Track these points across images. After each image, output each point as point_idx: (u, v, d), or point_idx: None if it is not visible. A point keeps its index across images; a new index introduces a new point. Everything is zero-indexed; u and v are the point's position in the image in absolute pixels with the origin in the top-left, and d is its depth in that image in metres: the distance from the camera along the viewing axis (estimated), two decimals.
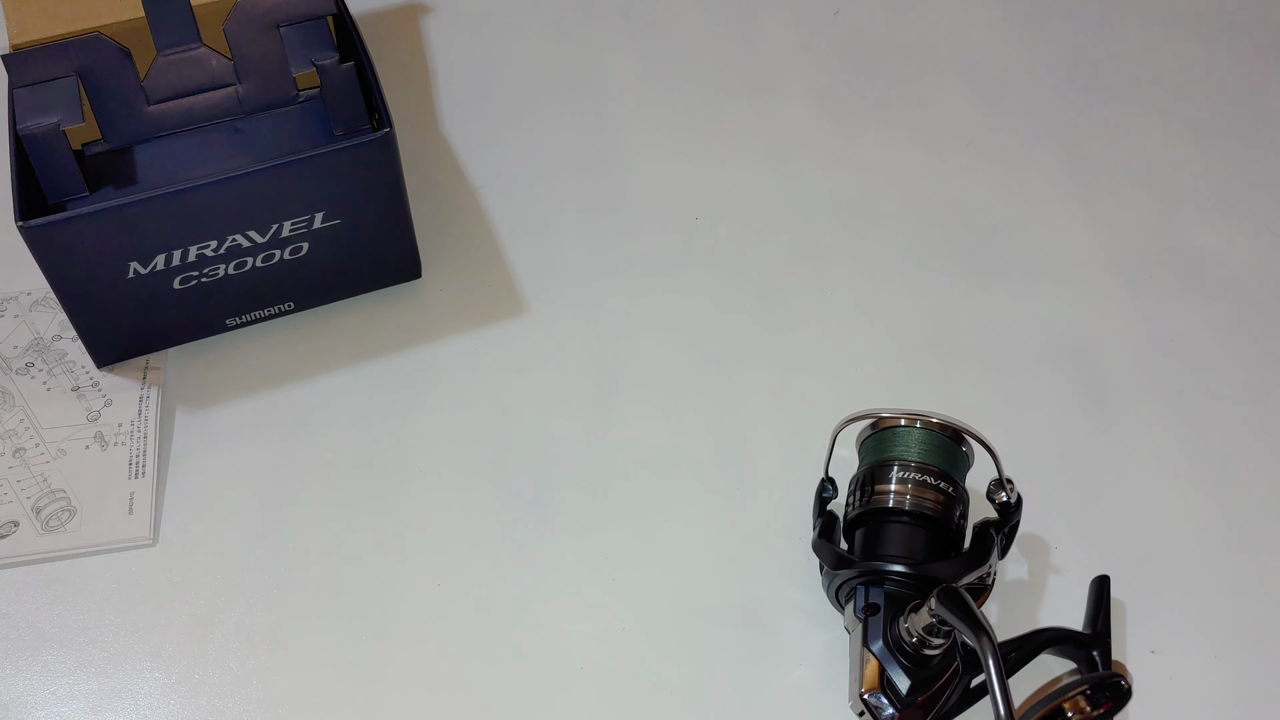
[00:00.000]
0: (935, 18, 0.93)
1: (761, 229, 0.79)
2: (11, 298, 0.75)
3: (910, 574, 0.57)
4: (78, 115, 0.68)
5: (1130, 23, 0.92)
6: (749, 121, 0.86)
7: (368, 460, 0.69)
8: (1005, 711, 0.49)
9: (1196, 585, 0.64)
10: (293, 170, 0.65)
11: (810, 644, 0.62)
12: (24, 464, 0.68)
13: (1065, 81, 0.88)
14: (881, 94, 0.87)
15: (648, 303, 0.76)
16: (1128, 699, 0.55)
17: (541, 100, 0.87)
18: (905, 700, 0.55)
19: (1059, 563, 0.65)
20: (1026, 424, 0.70)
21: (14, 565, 0.65)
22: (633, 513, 0.67)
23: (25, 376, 0.72)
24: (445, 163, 0.83)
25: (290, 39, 0.73)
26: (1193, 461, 0.69)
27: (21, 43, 0.73)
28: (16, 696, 0.61)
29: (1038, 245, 0.79)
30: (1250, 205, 0.81)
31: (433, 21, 0.92)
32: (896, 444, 0.61)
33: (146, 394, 0.71)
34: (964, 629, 0.51)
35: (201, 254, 0.67)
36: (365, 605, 0.64)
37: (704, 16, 0.92)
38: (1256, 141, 0.84)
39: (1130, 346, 0.73)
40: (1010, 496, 0.60)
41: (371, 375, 0.72)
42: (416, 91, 0.87)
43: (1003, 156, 0.84)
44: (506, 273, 0.77)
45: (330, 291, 0.74)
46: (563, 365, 0.73)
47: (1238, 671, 0.61)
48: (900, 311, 0.75)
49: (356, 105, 0.73)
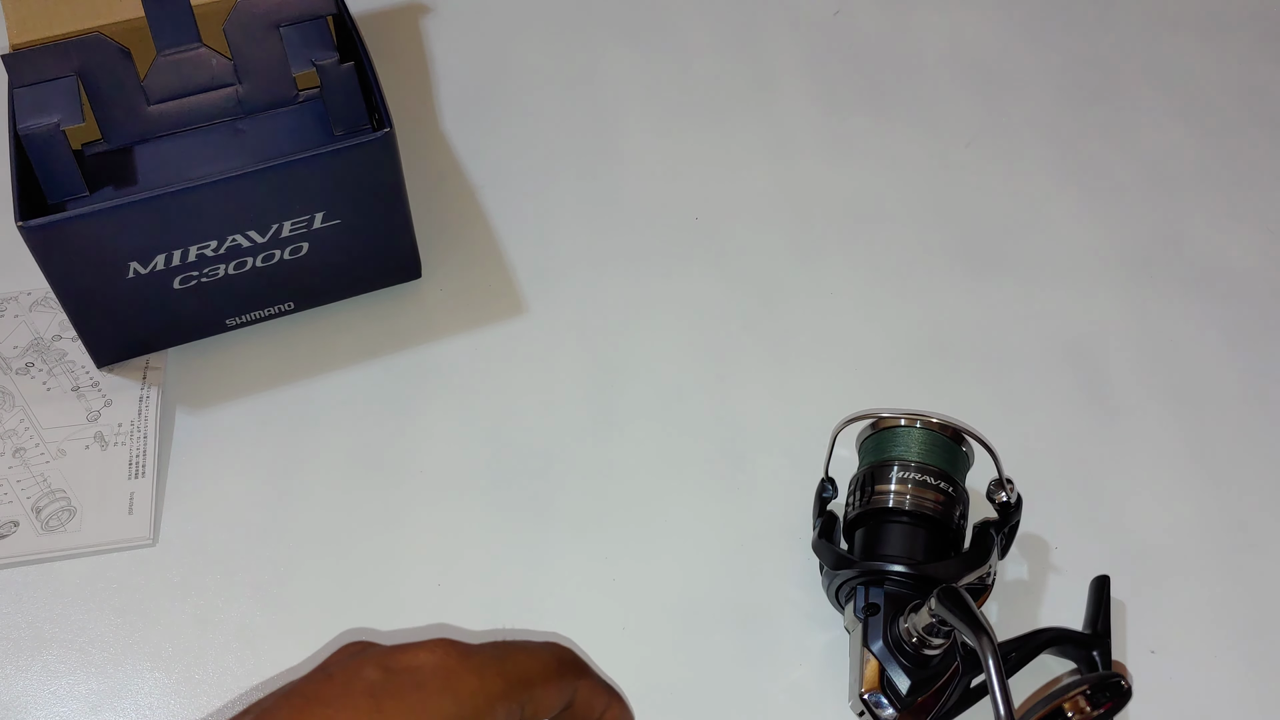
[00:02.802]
0: (935, 18, 0.93)
1: (761, 229, 0.79)
2: (11, 298, 0.75)
3: (910, 574, 0.57)
4: (78, 115, 0.68)
5: (1130, 22, 0.92)
6: (749, 121, 0.86)
7: (367, 460, 0.69)
8: (1005, 711, 0.49)
9: (1196, 585, 0.64)
10: (293, 170, 0.65)
11: (810, 644, 0.62)
12: (24, 464, 0.68)
13: (1065, 80, 0.88)
14: (881, 94, 0.87)
15: (648, 303, 0.76)
16: (1128, 699, 0.55)
17: (542, 100, 0.87)
18: (905, 700, 0.55)
19: (1059, 563, 0.65)
20: (1026, 424, 0.70)
21: (14, 565, 0.65)
22: (633, 513, 0.67)
23: (25, 376, 0.72)
24: (445, 163, 0.83)
25: (290, 39, 0.73)
26: (1193, 461, 0.69)
27: (21, 43, 0.73)
28: (16, 696, 0.61)
29: (1038, 245, 0.79)
30: (1251, 204, 0.81)
31: (433, 21, 0.92)
32: (896, 444, 0.61)
33: (146, 394, 0.71)
34: (964, 629, 0.51)
35: (201, 254, 0.67)
36: (365, 605, 0.64)
37: (704, 16, 0.92)
38: (1258, 141, 0.84)
39: (1131, 346, 0.74)
40: (1010, 496, 0.60)
41: (371, 375, 0.72)
42: (416, 91, 0.87)
43: (1003, 156, 0.84)
44: (506, 273, 0.77)
45: (330, 291, 0.74)
46: (563, 365, 0.73)
47: (1238, 671, 0.61)
48: (900, 311, 0.75)
49: (356, 105, 0.73)
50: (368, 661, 0.37)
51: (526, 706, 0.39)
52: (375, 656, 0.37)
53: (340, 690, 0.36)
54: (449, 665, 0.37)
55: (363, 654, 0.38)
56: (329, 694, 0.36)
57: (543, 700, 0.40)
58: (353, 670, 0.37)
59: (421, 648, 0.38)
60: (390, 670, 0.37)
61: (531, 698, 0.39)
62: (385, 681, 0.36)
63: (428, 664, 0.37)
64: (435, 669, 0.37)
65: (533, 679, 0.39)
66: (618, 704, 0.44)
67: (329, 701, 0.36)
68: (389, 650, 0.38)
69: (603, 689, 0.43)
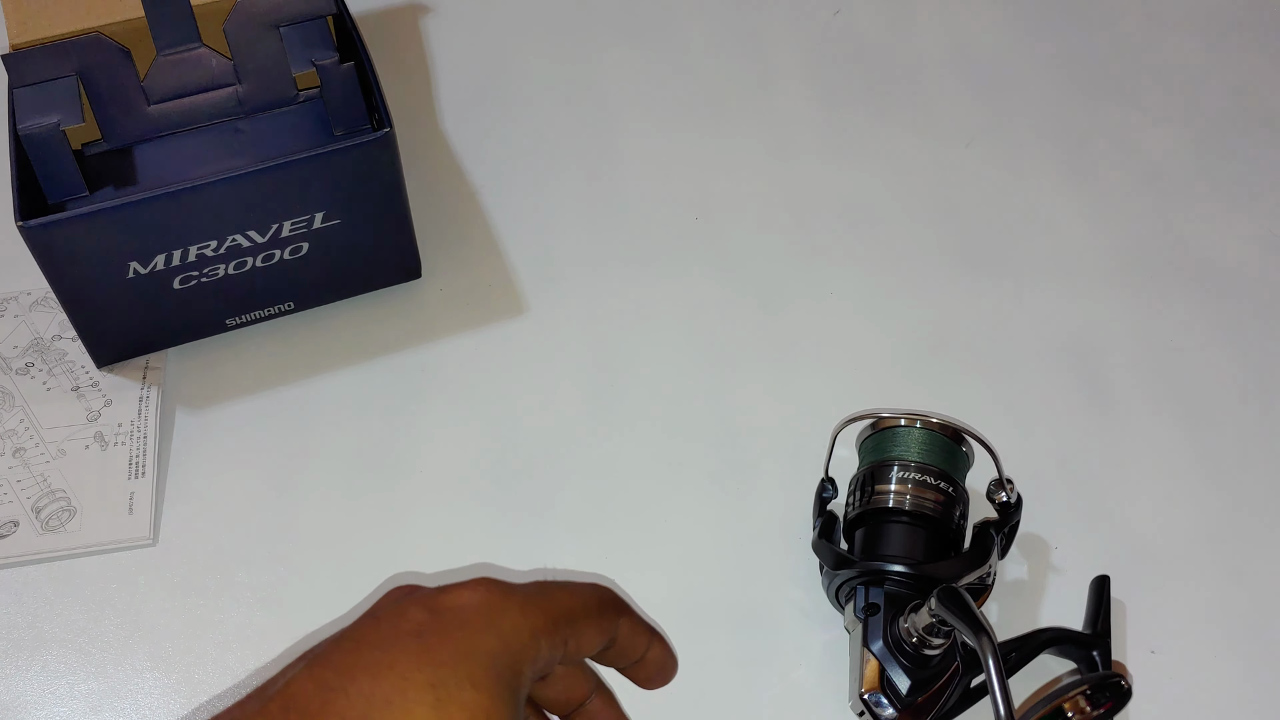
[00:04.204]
0: (935, 18, 0.93)
1: (761, 229, 0.79)
2: (11, 298, 0.75)
3: (910, 574, 0.57)
4: (78, 115, 0.68)
5: (1130, 22, 0.92)
6: (749, 121, 0.86)
7: (367, 460, 0.69)
8: (1005, 711, 0.49)
9: (1196, 585, 0.64)
10: (293, 170, 0.65)
11: (810, 644, 0.62)
12: (24, 464, 0.68)
13: (1065, 81, 0.88)
14: (881, 94, 0.87)
15: (648, 302, 0.76)
16: (1128, 699, 0.55)
17: (542, 100, 0.87)
18: (905, 700, 0.55)
19: (1059, 563, 0.65)
20: (1026, 424, 0.70)
21: (14, 565, 0.65)
22: (633, 512, 0.67)
23: (25, 376, 0.72)
24: (445, 163, 0.83)
25: (290, 39, 0.73)
26: (1193, 461, 0.69)
27: (21, 43, 0.73)
28: (16, 696, 0.61)
29: (1038, 245, 0.79)
30: (1251, 205, 0.81)
31: (433, 21, 0.92)
32: (896, 444, 0.61)
33: (146, 394, 0.71)
34: (964, 629, 0.51)
35: (201, 254, 0.67)
36: (365, 605, 0.63)
37: (704, 16, 0.92)
38: (1257, 141, 0.84)
39: (1131, 346, 0.74)
40: (1010, 496, 0.60)
41: (371, 375, 0.72)
42: (416, 91, 0.87)
43: (1003, 156, 0.84)
44: (506, 273, 0.77)
45: (330, 291, 0.74)
46: (563, 365, 0.73)
47: (1238, 671, 0.61)
48: (900, 311, 0.75)
49: (356, 105, 0.73)
50: (413, 604, 0.38)
51: (570, 642, 0.40)
52: (420, 598, 0.38)
53: (388, 633, 0.37)
54: (491, 602, 0.38)
55: (408, 597, 0.39)
56: (377, 637, 0.37)
57: (585, 636, 0.40)
58: (399, 613, 0.38)
59: (464, 587, 0.38)
60: (435, 611, 0.37)
61: (574, 633, 0.40)
62: (431, 622, 0.37)
63: (471, 602, 0.38)
64: (479, 607, 0.38)
65: (575, 615, 0.40)
66: (659, 643, 0.44)
67: (377, 644, 0.36)
68: (433, 592, 0.39)
69: (644, 628, 0.43)
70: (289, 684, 0.36)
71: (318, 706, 0.35)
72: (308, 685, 0.35)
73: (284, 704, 0.35)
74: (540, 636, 0.38)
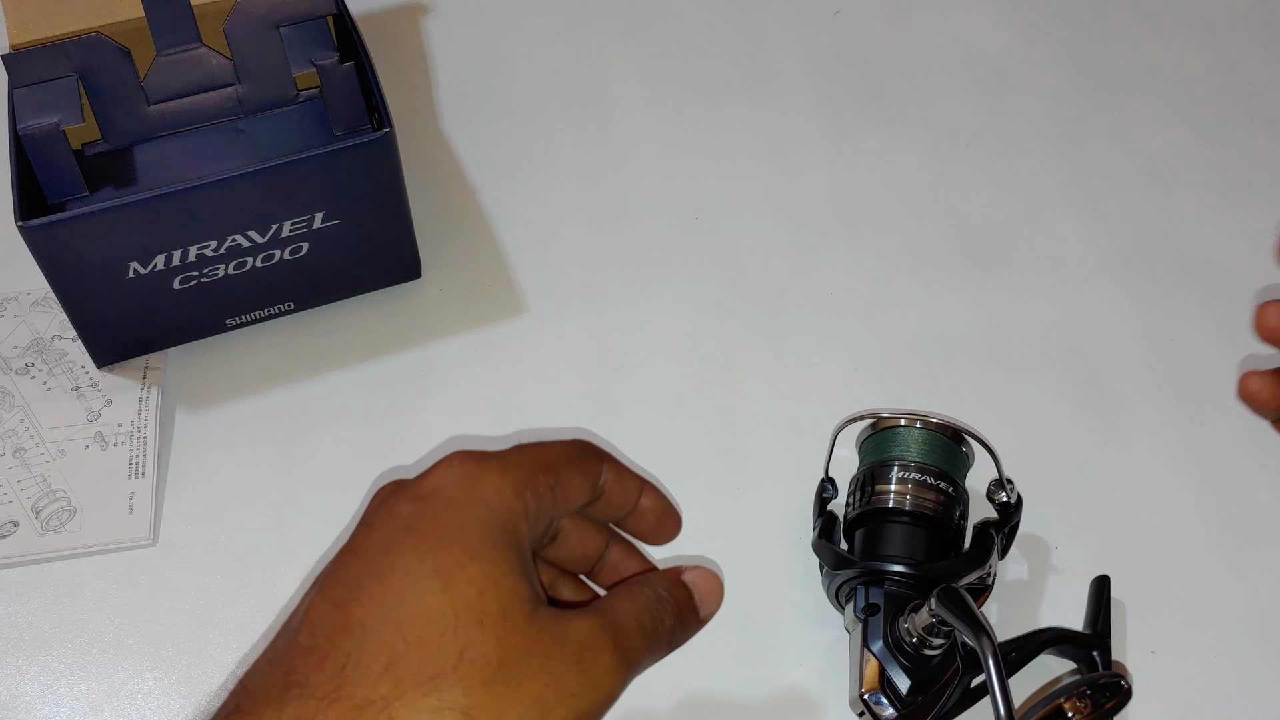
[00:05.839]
0: (935, 18, 0.93)
1: (761, 229, 0.79)
2: (11, 298, 0.75)
3: (910, 574, 0.57)
4: (78, 115, 0.68)
5: (1130, 22, 0.92)
6: (749, 121, 0.86)
7: (368, 460, 0.69)
8: (1005, 711, 0.49)
9: (1196, 585, 0.64)
10: (293, 170, 0.65)
11: (810, 644, 0.62)
12: (24, 464, 0.68)
13: (1065, 81, 0.88)
14: (881, 94, 0.87)
15: (648, 302, 0.76)
16: (1128, 699, 0.55)
17: (542, 100, 0.87)
18: (905, 700, 0.55)
19: (1059, 563, 0.65)
20: (1026, 424, 0.70)
21: (14, 565, 0.65)
22: None
23: (25, 376, 0.72)
24: (445, 163, 0.83)
25: (290, 39, 0.73)
26: (1193, 461, 0.69)
27: (21, 43, 0.73)
28: (16, 696, 0.61)
29: (1038, 245, 0.79)
30: (1251, 204, 0.81)
31: (433, 21, 0.92)
32: (896, 444, 0.61)
33: (146, 394, 0.71)
34: (964, 629, 0.51)
35: (201, 254, 0.67)
36: None
37: (704, 16, 0.92)
38: (1257, 141, 0.84)
39: (1130, 346, 0.73)
40: (1010, 496, 0.60)
41: (371, 375, 0.72)
42: (416, 91, 0.87)
43: (1003, 157, 0.84)
44: (506, 273, 0.77)
45: (330, 291, 0.74)
46: (563, 365, 0.73)
47: (1238, 671, 0.61)
48: (900, 311, 0.75)
49: (356, 105, 0.73)
50: (398, 499, 0.38)
51: (556, 490, 0.40)
52: (404, 492, 0.39)
53: (382, 535, 0.38)
54: (468, 472, 0.39)
55: (394, 494, 0.39)
56: (374, 542, 0.38)
57: (570, 483, 0.40)
58: (388, 512, 0.38)
59: (440, 466, 0.39)
60: (418, 499, 0.38)
61: (558, 481, 0.40)
62: (418, 511, 0.38)
63: (449, 480, 0.38)
64: (458, 481, 0.38)
65: (555, 463, 0.40)
66: (651, 491, 0.44)
67: (376, 549, 0.37)
68: (414, 481, 0.39)
69: (631, 474, 0.43)
70: (308, 611, 0.37)
71: (339, 623, 0.36)
72: (324, 607, 0.36)
73: (308, 631, 0.36)
74: (524, 488, 0.39)
